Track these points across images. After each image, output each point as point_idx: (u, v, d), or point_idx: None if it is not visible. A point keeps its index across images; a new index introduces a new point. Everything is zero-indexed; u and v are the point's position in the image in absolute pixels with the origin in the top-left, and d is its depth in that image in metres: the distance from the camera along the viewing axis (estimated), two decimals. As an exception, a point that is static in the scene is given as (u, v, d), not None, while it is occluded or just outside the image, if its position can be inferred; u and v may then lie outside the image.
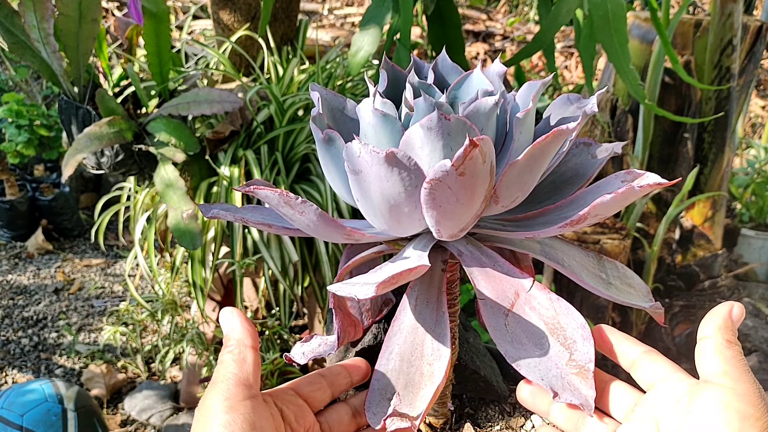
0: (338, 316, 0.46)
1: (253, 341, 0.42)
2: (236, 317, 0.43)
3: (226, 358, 0.41)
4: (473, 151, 0.33)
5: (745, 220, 2.08)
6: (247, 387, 0.40)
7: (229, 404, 0.38)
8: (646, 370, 0.39)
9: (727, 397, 0.34)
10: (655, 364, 0.39)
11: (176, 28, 2.06)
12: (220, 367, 0.41)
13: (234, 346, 0.41)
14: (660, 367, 0.39)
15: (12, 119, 2.01)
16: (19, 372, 1.68)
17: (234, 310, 0.43)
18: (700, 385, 0.36)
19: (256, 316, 1.52)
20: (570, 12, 0.98)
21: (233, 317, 0.43)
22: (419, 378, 0.40)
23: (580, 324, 0.39)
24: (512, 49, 3.32)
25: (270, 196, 0.38)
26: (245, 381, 0.40)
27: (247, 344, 0.42)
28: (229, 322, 0.43)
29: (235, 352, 0.41)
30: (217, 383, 0.40)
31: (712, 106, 1.62)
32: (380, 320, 0.52)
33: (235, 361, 0.41)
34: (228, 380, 0.40)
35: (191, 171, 1.25)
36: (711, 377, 0.36)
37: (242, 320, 0.43)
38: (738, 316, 0.38)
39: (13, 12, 1.09)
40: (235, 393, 0.39)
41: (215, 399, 0.39)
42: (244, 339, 0.42)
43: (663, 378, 0.38)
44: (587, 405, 0.37)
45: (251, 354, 0.41)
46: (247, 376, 0.40)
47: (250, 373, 0.41)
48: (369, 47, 1.01)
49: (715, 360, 0.36)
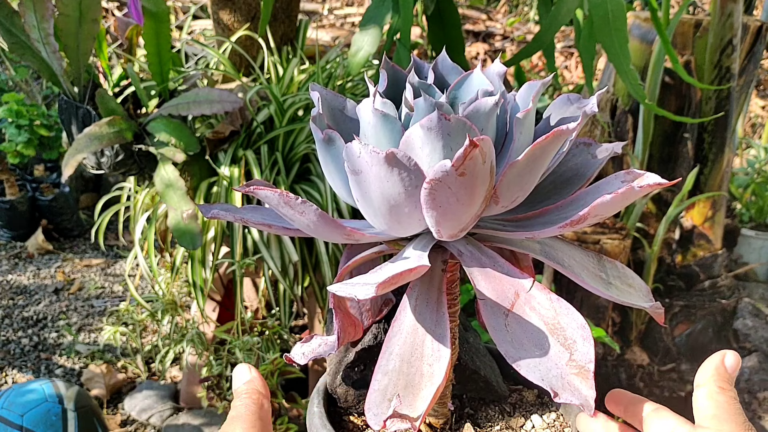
0: (338, 316, 0.46)
1: (267, 393, 0.43)
2: (252, 371, 0.44)
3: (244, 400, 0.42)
4: (473, 152, 0.33)
5: (745, 220, 2.08)
6: (266, 425, 0.41)
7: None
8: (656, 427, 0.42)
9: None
10: (663, 420, 0.42)
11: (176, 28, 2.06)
12: (239, 407, 0.41)
13: (251, 392, 0.43)
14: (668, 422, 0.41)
15: (12, 119, 2.01)
16: (19, 372, 1.68)
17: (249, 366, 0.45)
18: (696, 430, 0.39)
19: (256, 316, 1.52)
20: (570, 12, 0.98)
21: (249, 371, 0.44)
22: (419, 379, 0.40)
23: (580, 324, 0.39)
24: (512, 49, 3.32)
25: (270, 197, 0.37)
26: (264, 419, 0.41)
27: (263, 393, 0.43)
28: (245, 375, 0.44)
29: (253, 397, 0.42)
30: (237, 419, 0.40)
31: (712, 106, 1.62)
32: (380, 320, 0.52)
33: (254, 403, 0.42)
34: (249, 416, 0.40)
35: (191, 171, 1.25)
36: (702, 421, 0.38)
37: (257, 374, 0.44)
38: (732, 364, 0.41)
39: (13, 12, 1.09)
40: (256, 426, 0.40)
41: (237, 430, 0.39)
42: (259, 388, 0.43)
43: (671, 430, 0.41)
44: (587, 405, 0.37)
45: (267, 402, 0.42)
46: (266, 416, 0.41)
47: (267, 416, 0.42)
48: (369, 47, 1.01)
49: (706, 405, 0.39)
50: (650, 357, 1.61)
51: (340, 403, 0.52)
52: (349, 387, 0.52)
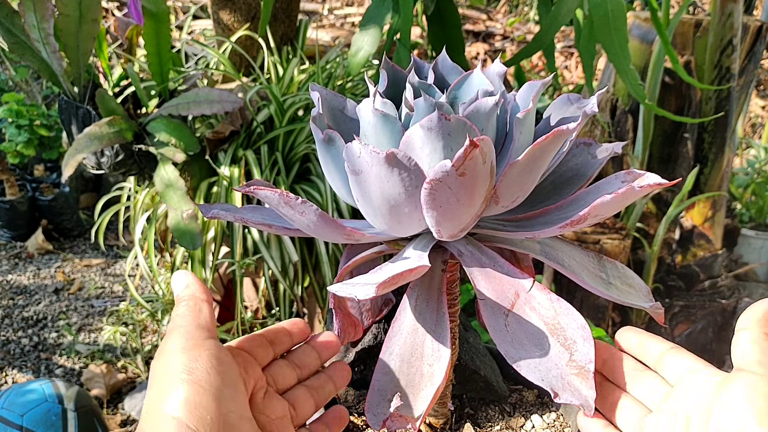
0: (338, 316, 0.46)
1: (206, 296, 0.41)
2: (189, 276, 0.42)
3: (181, 309, 0.40)
4: (473, 152, 0.33)
5: (745, 220, 2.08)
6: (207, 329, 0.38)
7: (191, 344, 0.37)
8: (673, 366, 0.40)
9: (759, 383, 0.34)
10: (682, 359, 0.39)
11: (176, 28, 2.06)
12: (176, 318, 0.39)
13: (188, 298, 0.40)
14: (688, 362, 0.39)
15: (12, 119, 2.01)
16: (19, 372, 1.68)
17: (186, 271, 0.42)
18: (733, 373, 0.36)
19: (256, 316, 1.52)
20: (570, 12, 0.98)
21: (185, 276, 0.42)
22: (419, 379, 0.40)
23: (580, 324, 0.39)
24: (512, 49, 3.32)
25: (270, 197, 0.37)
26: (205, 324, 0.39)
27: (202, 298, 0.40)
28: (182, 281, 0.41)
29: (190, 304, 0.40)
30: (173, 330, 0.38)
31: (712, 106, 1.62)
32: (380, 320, 0.52)
33: (190, 311, 0.39)
34: (186, 324, 0.38)
35: (191, 171, 1.25)
36: (745, 366, 0.35)
37: (194, 278, 0.41)
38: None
39: (13, 12, 1.09)
40: (195, 334, 0.38)
41: (175, 341, 0.37)
42: (196, 293, 0.41)
43: (692, 371, 0.38)
44: (587, 405, 0.37)
45: (206, 306, 0.40)
46: (205, 321, 0.39)
47: (208, 320, 0.39)
48: (369, 47, 1.01)
49: (750, 349, 0.36)
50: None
51: (340, 402, 0.52)
52: (349, 387, 0.52)
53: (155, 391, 0.36)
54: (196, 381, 0.35)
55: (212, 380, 0.35)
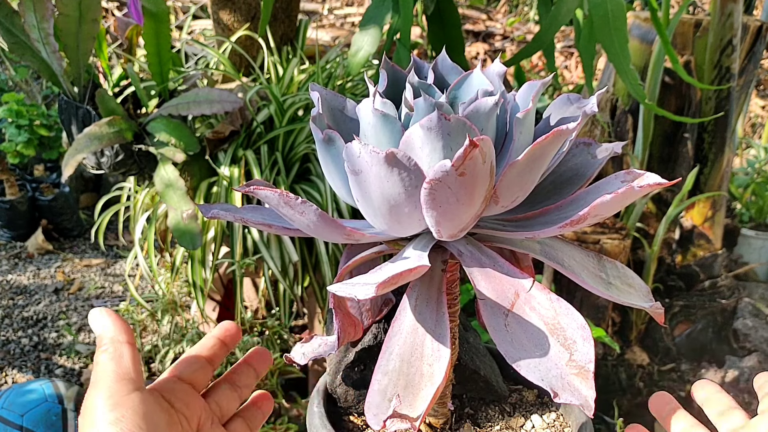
0: (338, 316, 0.46)
1: (127, 336, 0.39)
2: (105, 315, 0.40)
3: (102, 358, 0.38)
4: (473, 152, 0.33)
5: (745, 220, 2.08)
6: (130, 381, 0.37)
7: (113, 401, 0.36)
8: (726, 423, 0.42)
9: None
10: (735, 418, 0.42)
11: (176, 28, 2.06)
12: (97, 369, 0.38)
13: (108, 344, 0.39)
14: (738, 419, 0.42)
15: (12, 119, 2.01)
16: (19, 372, 1.68)
17: (103, 309, 0.41)
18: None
19: (256, 316, 1.52)
20: (570, 12, 0.98)
21: (102, 316, 0.40)
22: (419, 379, 0.40)
23: (580, 324, 0.39)
24: (512, 49, 3.32)
25: (270, 197, 0.37)
26: (126, 375, 0.37)
27: (121, 340, 0.39)
28: (100, 322, 0.40)
29: (110, 350, 0.38)
30: (96, 384, 0.37)
31: (712, 106, 1.62)
32: (380, 320, 0.52)
33: (111, 359, 0.38)
34: (108, 378, 0.37)
35: (191, 171, 1.25)
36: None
37: (114, 318, 0.40)
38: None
39: (13, 12, 1.09)
40: (117, 389, 0.37)
41: (98, 399, 0.36)
42: (117, 336, 0.39)
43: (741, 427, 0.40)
44: (587, 405, 0.37)
45: (127, 349, 0.39)
46: (127, 371, 0.38)
47: (130, 368, 0.38)
48: (369, 47, 1.01)
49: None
50: (650, 357, 1.61)
51: (340, 403, 0.52)
52: (349, 387, 0.52)
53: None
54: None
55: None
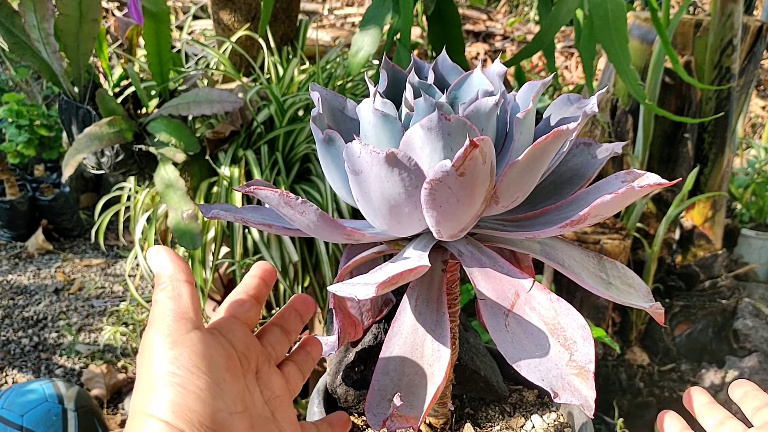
0: (338, 316, 0.46)
1: (186, 275, 0.39)
2: (164, 253, 0.39)
3: (160, 296, 0.38)
4: (473, 152, 0.33)
5: (745, 220, 2.08)
6: (189, 320, 0.37)
7: (172, 339, 0.35)
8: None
9: None
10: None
11: (176, 28, 2.06)
12: (155, 307, 0.37)
13: (167, 283, 0.38)
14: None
15: (12, 119, 2.01)
16: (19, 372, 1.68)
17: (161, 247, 0.40)
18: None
19: (256, 316, 1.51)
20: (570, 12, 0.98)
21: (161, 254, 0.39)
22: (419, 379, 0.40)
23: (580, 324, 0.39)
24: (512, 49, 3.32)
25: (270, 197, 0.37)
26: (185, 314, 0.37)
27: (180, 279, 0.38)
28: (158, 260, 0.39)
29: (168, 289, 0.38)
30: (154, 323, 0.36)
31: (712, 106, 1.62)
32: (380, 320, 0.52)
33: (170, 298, 0.37)
34: (166, 316, 0.36)
35: (191, 171, 1.25)
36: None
37: (172, 256, 0.39)
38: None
39: (14, 12, 1.09)
40: (176, 327, 0.36)
41: (155, 337, 0.36)
42: (176, 274, 0.38)
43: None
44: (587, 405, 0.37)
45: (186, 288, 0.38)
46: (186, 310, 0.37)
47: (189, 306, 0.37)
48: (369, 47, 1.01)
49: None
50: (650, 357, 1.61)
51: (340, 403, 0.52)
52: (349, 387, 0.52)
53: (142, 388, 0.35)
54: (179, 383, 0.34)
55: (196, 381, 0.35)
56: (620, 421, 1.24)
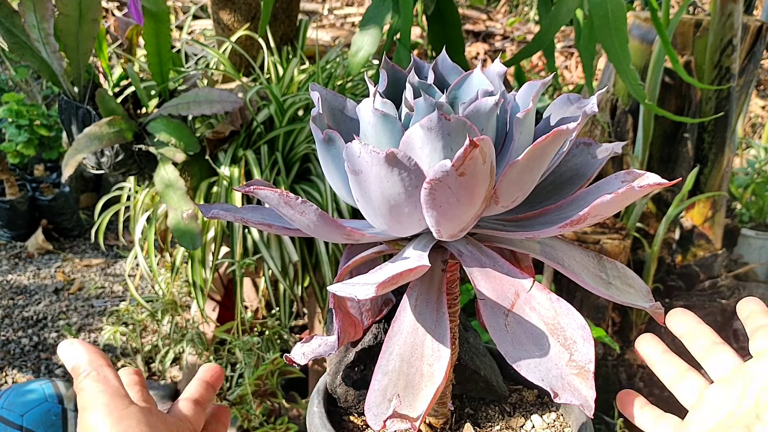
0: (338, 316, 0.46)
1: (104, 360, 0.39)
2: (77, 345, 0.39)
3: (85, 383, 0.37)
4: (473, 152, 0.33)
5: (745, 220, 2.08)
6: (124, 396, 0.37)
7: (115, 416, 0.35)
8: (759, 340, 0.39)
9: None
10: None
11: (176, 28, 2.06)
12: (85, 393, 0.37)
13: (88, 368, 0.38)
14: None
15: (12, 119, 2.01)
16: (19, 372, 1.68)
17: (72, 340, 0.40)
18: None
19: (256, 316, 1.52)
20: (570, 12, 0.98)
21: (73, 346, 0.39)
22: (419, 379, 0.40)
23: (580, 324, 0.39)
24: (512, 49, 3.32)
25: (270, 196, 0.37)
26: (118, 392, 0.37)
27: (101, 363, 0.38)
28: (73, 352, 0.39)
29: (93, 374, 0.38)
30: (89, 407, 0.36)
31: (712, 106, 1.62)
32: (380, 320, 0.52)
33: (98, 381, 0.37)
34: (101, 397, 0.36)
35: (191, 171, 1.25)
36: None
37: (84, 345, 0.39)
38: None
39: (13, 12, 1.09)
40: (115, 406, 0.36)
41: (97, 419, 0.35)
42: (95, 360, 0.38)
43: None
44: (587, 405, 0.37)
45: (110, 371, 0.38)
46: (117, 388, 0.37)
47: (119, 386, 0.37)
48: (369, 47, 1.01)
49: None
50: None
51: (340, 403, 0.52)
52: (349, 387, 0.52)
53: None
54: None
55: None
56: (620, 420, 1.24)
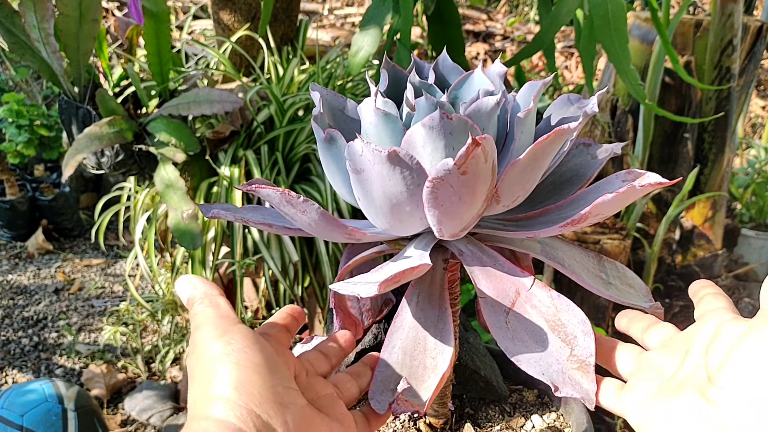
0: (339, 316, 0.46)
1: (218, 290, 0.40)
2: (194, 278, 0.41)
3: (199, 308, 0.39)
4: (476, 150, 0.33)
5: (745, 220, 2.08)
6: (233, 318, 0.38)
7: (221, 330, 0.37)
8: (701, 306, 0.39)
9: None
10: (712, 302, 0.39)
11: (176, 28, 2.06)
12: (197, 317, 0.39)
13: (202, 296, 0.40)
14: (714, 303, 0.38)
15: (12, 119, 2.01)
16: (19, 372, 1.68)
17: (188, 276, 0.42)
18: (759, 319, 0.34)
19: (256, 316, 1.52)
20: (570, 12, 0.98)
21: (190, 279, 0.41)
22: (422, 371, 0.40)
23: (580, 320, 0.39)
24: (512, 49, 3.32)
25: (272, 195, 0.38)
26: (228, 315, 0.39)
27: (215, 293, 0.40)
28: (188, 284, 0.41)
29: (206, 301, 0.39)
30: (199, 326, 0.38)
31: (713, 106, 1.62)
32: (380, 320, 0.52)
33: (209, 306, 0.39)
34: (210, 318, 0.38)
35: (191, 171, 1.25)
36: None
37: (200, 279, 0.41)
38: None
39: (14, 12, 1.09)
40: (222, 323, 0.37)
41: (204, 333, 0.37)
42: (209, 290, 0.40)
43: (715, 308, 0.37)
44: (588, 399, 0.37)
45: (222, 299, 0.40)
46: (227, 312, 0.39)
47: (229, 310, 0.39)
48: (369, 47, 1.01)
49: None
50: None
51: (341, 402, 0.52)
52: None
53: (198, 380, 0.36)
54: (236, 362, 0.35)
55: (252, 358, 0.36)
56: (620, 421, 1.24)
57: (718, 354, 0.33)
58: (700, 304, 0.39)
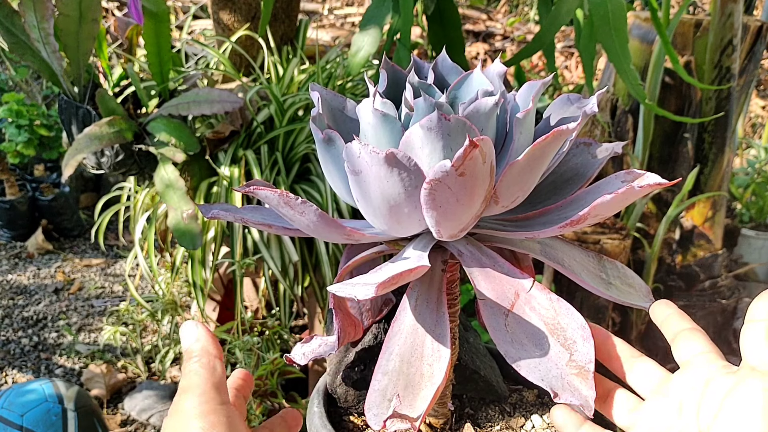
0: (338, 317, 0.46)
1: (218, 352, 0.41)
2: (200, 328, 0.41)
3: (194, 366, 0.39)
4: (473, 152, 0.33)
5: (745, 220, 2.08)
6: (222, 393, 0.38)
7: (208, 408, 0.37)
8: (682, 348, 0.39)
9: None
10: (693, 342, 0.38)
11: (176, 28, 2.06)
12: (190, 375, 0.39)
13: (201, 355, 0.40)
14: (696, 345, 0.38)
15: (12, 119, 2.01)
16: (19, 372, 1.68)
17: (196, 322, 0.42)
18: (743, 371, 0.33)
19: (256, 316, 1.52)
20: (570, 12, 0.98)
21: (196, 328, 0.41)
22: (419, 379, 0.40)
23: (580, 324, 0.39)
24: (512, 49, 3.32)
25: (270, 197, 0.37)
26: (219, 386, 0.39)
27: (214, 354, 0.40)
28: (193, 333, 0.41)
29: (203, 361, 0.40)
30: (189, 389, 0.38)
31: (712, 106, 1.62)
32: (380, 320, 0.52)
33: (205, 368, 0.39)
34: (202, 384, 0.38)
35: (191, 171, 1.25)
36: (759, 365, 0.32)
37: (206, 331, 0.41)
38: None
39: (14, 12, 1.09)
40: (212, 397, 0.38)
41: (190, 404, 0.37)
42: (209, 348, 0.40)
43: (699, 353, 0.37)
44: (587, 405, 0.37)
45: (219, 364, 0.40)
46: (220, 381, 0.39)
47: (222, 380, 0.39)
48: (369, 47, 1.01)
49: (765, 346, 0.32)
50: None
51: (340, 403, 0.52)
52: (349, 387, 0.52)
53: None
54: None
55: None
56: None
57: (709, 412, 0.34)
58: (678, 346, 0.40)
